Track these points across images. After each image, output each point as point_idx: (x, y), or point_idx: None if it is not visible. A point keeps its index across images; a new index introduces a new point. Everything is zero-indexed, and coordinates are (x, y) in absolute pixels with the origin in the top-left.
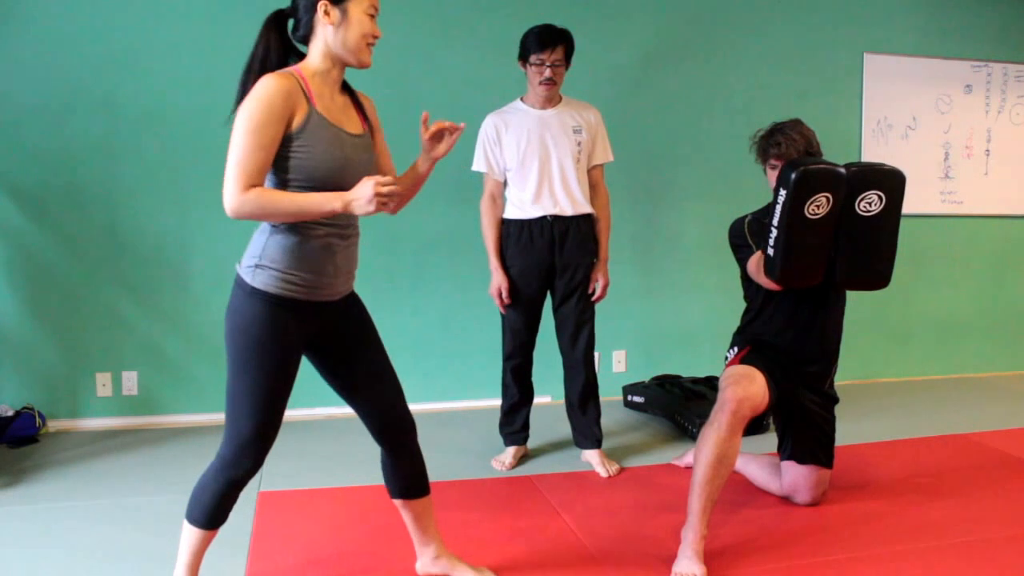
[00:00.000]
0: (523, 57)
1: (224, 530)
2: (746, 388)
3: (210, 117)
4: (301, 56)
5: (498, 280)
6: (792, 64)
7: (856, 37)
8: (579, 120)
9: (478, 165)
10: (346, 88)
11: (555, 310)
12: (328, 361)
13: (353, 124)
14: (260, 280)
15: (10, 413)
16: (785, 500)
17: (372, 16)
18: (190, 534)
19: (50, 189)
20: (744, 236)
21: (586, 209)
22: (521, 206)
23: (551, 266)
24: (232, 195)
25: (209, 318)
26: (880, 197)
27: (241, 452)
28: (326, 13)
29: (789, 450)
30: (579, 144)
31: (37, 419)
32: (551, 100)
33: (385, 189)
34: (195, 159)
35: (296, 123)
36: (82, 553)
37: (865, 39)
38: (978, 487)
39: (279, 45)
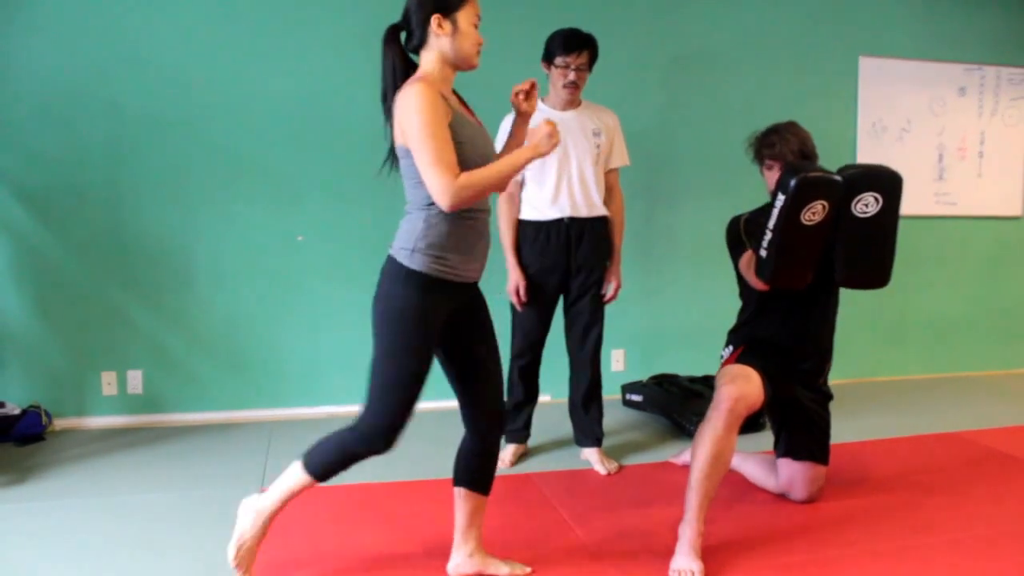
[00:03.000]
0: (547, 59)
1: (227, 526)
2: (742, 387)
3: (214, 119)
4: (415, 66)
5: (516, 278)
6: (788, 67)
7: (851, 40)
8: (598, 123)
9: None
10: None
11: (566, 309)
12: (453, 345)
13: (474, 118)
14: (417, 262)
15: (16, 411)
16: (781, 497)
17: (476, 25)
18: (295, 478)
19: (55, 190)
20: (739, 235)
21: (602, 211)
22: (538, 207)
23: (567, 267)
24: (447, 186)
25: (213, 317)
26: (876, 198)
27: (376, 434)
28: (439, 26)
29: (785, 447)
30: (598, 147)
31: (43, 417)
32: (572, 103)
33: (553, 125)
34: (199, 161)
35: (448, 123)
36: (87, 549)
37: (860, 42)
38: (972, 484)
39: (402, 57)
